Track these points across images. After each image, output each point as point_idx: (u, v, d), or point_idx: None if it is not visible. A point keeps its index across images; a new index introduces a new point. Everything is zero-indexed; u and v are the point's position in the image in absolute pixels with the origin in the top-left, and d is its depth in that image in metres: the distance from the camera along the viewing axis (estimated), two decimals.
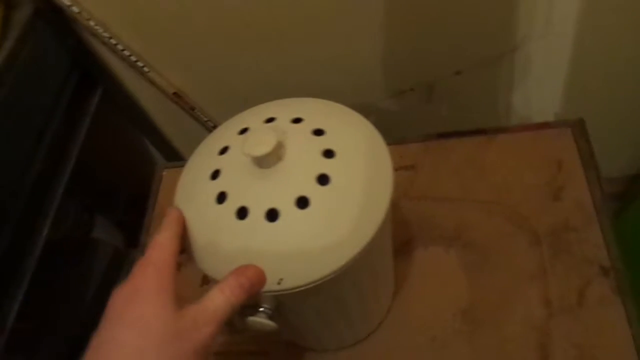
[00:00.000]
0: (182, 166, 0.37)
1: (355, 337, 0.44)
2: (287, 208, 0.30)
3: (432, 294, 0.47)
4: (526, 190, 0.50)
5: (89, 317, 0.72)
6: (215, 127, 0.85)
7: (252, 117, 0.36)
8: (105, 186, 0.88)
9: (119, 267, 0.78)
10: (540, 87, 0.76)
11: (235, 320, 0.32)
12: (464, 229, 0.49)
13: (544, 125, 0.54)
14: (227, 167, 0.33)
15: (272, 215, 0.30)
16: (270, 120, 0.34)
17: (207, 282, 0.52)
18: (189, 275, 0.53)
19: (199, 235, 0.32)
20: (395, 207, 0.34)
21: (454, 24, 0.67)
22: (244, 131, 0.34)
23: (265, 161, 0.31)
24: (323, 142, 0.32)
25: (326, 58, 0.73)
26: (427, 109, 0.81)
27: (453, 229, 0.49)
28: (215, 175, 0.33)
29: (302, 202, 0.30)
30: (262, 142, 0.30)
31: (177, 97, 0.79)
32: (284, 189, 0.31)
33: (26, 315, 0.62)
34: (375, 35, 0.69)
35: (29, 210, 0.64)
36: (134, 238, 0.83)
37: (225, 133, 0.35)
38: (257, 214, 0.30)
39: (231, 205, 0.31)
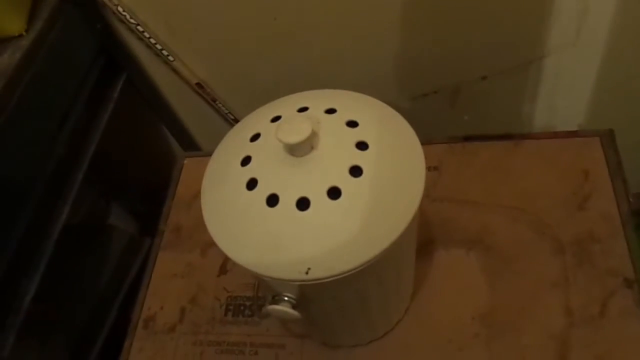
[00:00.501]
0: (204, 156, 0.37)
1: (373, 335, 0.44)
2: (318, 198, 0.30)
3: (451, 297, 0.46)
4: (551, 198, 0.49)
5: (102, 302, 0.72)
6: (236, 120, 0.85)
7: (285, 105, 0.36)
8: (123, 174, 0.88)
9: (134, 254, 0.78)
10: (566, 97, 0.75)
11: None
12: (486, 233, 0.49)
13: (573, 134, 0.53)
14: (258, 154, 0.33)
15: (302, 204, 0.30)
16: (303, 109, 0.34)
17: (224, 272, 0.52)
18: (208, 264, 0.53)
19: (227, 221, 0.32)
20: None
21: (484, 27, 0.67)
22: (276, 119, 0.34)
23: (299, 149, 0.31)
24: (357, 134, 0.32)
25: (351, 54, 0.73)
26: (450, 113, 0.81)
27: (475, 233, 0.49)
28: (245, 161, 0.33)
29: (334, 193, 0.30)
30: (296, 129, 0.30)
31: (200, 88, 0.80)
32: (316, 179, 0.31)
33: (42, 297, 0.62)
34: (403, 34, 0.69)
35: (49, 194, 0.64)
36: (148, 227, 0.83)
37: (257, 120, 0.35)
38: (287, 202, 0.30)
39: (261, 192, 0.31)
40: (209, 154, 0.37)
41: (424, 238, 0.49)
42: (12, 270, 0.56)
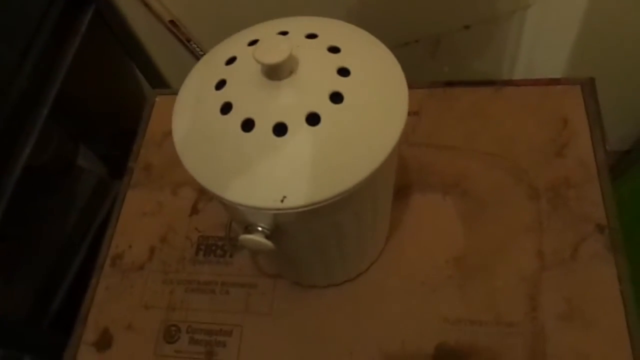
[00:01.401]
0: (176, 94, 0.34)
1: (346, 275, 0.44)
2: (296, 123, 0.29)
3: (426, 240, 0.46)
4: (529, 144, 0.49)
5: (69, 243, 0.71)
6: None
7: (264, 29, 0.34)
8: (91, 113, 0.85)
9: (103, 197, 0.76)
10: (549, 47, 0.74)
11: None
12: (463, 178, 0.48)
13: (553, 82, 0.52)
14: (234, 77, 0.31)
15: (280, 129, 0.29)
16: (283, 33, 0.32)
17: (195, 212, 0.51)
18: (179, 204, 0.52)
19: (199, 146, 0.31)
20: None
21: None
22: (253, 43, 0.32)
23: (277, 72, 0.29)
24: (338, 60, 0.30)
25: (332, 1, 0.70)
26: (431, 63, 0.79)
27: (452, 177, 0.48)
28: (220, 85, 0.31)
29: (313, 119, 0.29)
30: (275, 50, 0.28)
31: (174, 26, 0.76)
32: (294, 104, 0.29)
33: (4, 236, 0.60)
34: None
35: (10, 128, 0.61)
36: (118, 169, 0.80)
37: (233, 44, 0.33)
38: (264, 127, 0.29)
39: (236, 116, 0.29)
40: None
41: (401, 182, 0.49)
42: None
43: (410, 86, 0.31)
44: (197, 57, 0.81)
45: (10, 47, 0.59)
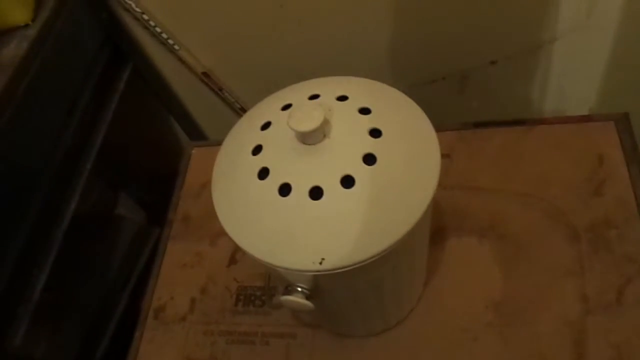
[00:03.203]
0: (212, 145, 0.36)
1: (385, 325, 0.44)
2: (331, 186, 0.29)
3: (464, 285, 0.46)
4: (565, 184, 0.49)
5: (112, 291, 0.73)
6: (242, 109, 0.84)
7: (295, 93, 0.35)
8: (130, 164, 0.88)
9: (142, 244, 0.78)
10: (577, 81, 0.74)
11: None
12: (498, 220, 0.48)
13: (586, 118, 0.52)
14: (269, 142, 0.32)
15: (316, 193, 0.30)
16: (314, 97, 0.34)
17: (234, 262, 0.52)
18: (217, 254, 0.53)
19: (238, 211, 0.32)
20: None
21: (492, 11, 0.66)
22: (287, 107, 0.33)
23: (311, 137, 0.30)
24: (369, 121, 0.31)
25: (359, 41, 0.72)
26: (459, 100, 0.80)
27: (487, 220, 0.48)
28: (257, 150, 0.32)
29: (348, 181, 0.30)
30: (309, 117, 0.29)
31: (206, 77, 0.79)
32: (329, 167, 0.30)
33: (53, 287, 0.62)
34: (410, 20, 0.68)
35: (58, 183, 0.64)
36: (155, 216, 0.83)
37: (267, 108, 0.35)
38: (300, 191, 0.30)
39: (273, 181, 0.30)
40: (217, 144, 0.36)
41: (436, 226, 0.49)
42: (23, 260, 0.56)
43: (440, 129, 0.32)
44: (230, 105, 0.83)
45: (58, 108, 0.63)
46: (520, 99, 0.79)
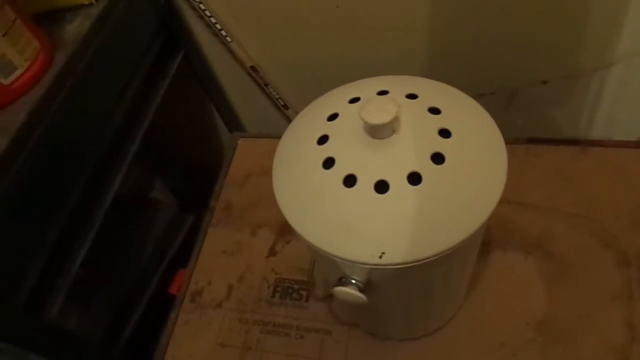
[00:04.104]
0: (256, 137, 0.36)
1: (425, 330, 0.43)
2: (397, 182, 0.29)
3: (506, 299, 0.45)
4: (617, 208, 0.48)
5: (143, 274, 0.73)
6: (285, 106, 0.85)
7: (363, 87, 0.35)
8: (169, 150, 0.89)
9: (175, 231, 0.79)
10: (629, 109, 0.72)
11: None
12: (546, 238, 0.47)
13: None
14: (336, 133, 0.32)
15: (381, 187, 0.29)
16: (383, 93, 0.34)
17: (273, 253, 0.52)
18: (257, 245, 0.53)
19: (300, 198, 0.32)
20: None
21: (550, 28, 0.65)
22: (354, 100, 0.33)
23: (381, 131, 0.30)
24: (439, 121, 0.31)
25: (410, 48, 0.72)
26: (504, 116, 0.79)
27: (535, 237, 0.48)
28: (322, 140, 0.32)
29: (414, 178, 0.29)
30: (381, 110, 0.29)
31: (254, 71, 0.80)
32: (396, 162, 0.30)
33: (90, 263, 0.63)
34: (466, 29, 0.67)
35: (104, 163, 0.65)
36: (188, 204, 0.84)
37: (334, 100, 0.35)
38: (365, 183, 0.30)
39: (339, 171, 0.30)
40: (260, 136, 0.36)
41: (483, 238, 0.48)
42: (66, 234, 0.57)
43: None
44: (273, 101, 0.84)
45: (111, 89, 0.64)
46: (567, 122, 0.77)
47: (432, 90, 0.34)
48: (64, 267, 0.57)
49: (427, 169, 0.30)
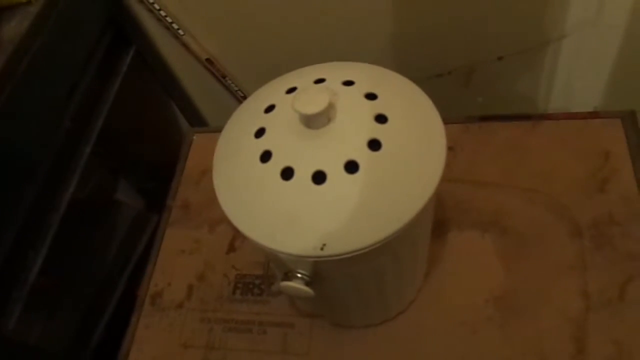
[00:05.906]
0: (213, 131, 0.35)
1: (385, 315, 0.43)
2: (335, 171, 0.29)
3: (464, 279, 0.45)
4: (569, 180, 0.48)
5: (109, 277, 0.72)
6: (244, 97, 0.83)
7: (301, 77, 0.34)
8: (130, 149, 0.87)
9: (140, 230, 0.78)
10: (584, 79, 0.73)
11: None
12: (501, 214, 0.48)
13: (592, 115, 0.51)
14: (272, 125, 0.31)
15: (319, 177, 0.29)
16: (319, 81, 0.33)
17: (232, 249, 0.51)
18: (216, 242, 0.52)
19: (239, 194, 0.31)
20: None
21: (501, 6, 0.65)
22: (291, 90, 0.33)
23: (315, 121, 0.30)
24: (375, 107, 0.31)
25: (365, 32, 0.71)
26: (464, 94, 0.79)
27: (490, 214, 0.48)
28: (259, 133, 0.32)
29: (352, 167, 0.29)
30: (313, 100, 0.29)
31: (210, 64, 0.78)
32: (332, 152, 0.29)
33: (49, 271, 0.62)
34: (418, 11, 0.67)
35: (56, 166, 0.63)
36: (154, 203, 0.82)
37: (272, 91, 0.34)
38: (303, 175, 0.29)
39: (276, 164, 0.30)
40: (218, 130, 0.35)
41: (438, 219, 0.48)
42: (19, 243, 0.55)
43: (445, 121, 0.32)
44: (233, 93, 0.83)
45: (58, 90, 0.62)
46: (525, 95, 0.78)
47: (370, 76, 0.34)
48: (19, 277, 0.56)
49: (364, 157, 0.29)
